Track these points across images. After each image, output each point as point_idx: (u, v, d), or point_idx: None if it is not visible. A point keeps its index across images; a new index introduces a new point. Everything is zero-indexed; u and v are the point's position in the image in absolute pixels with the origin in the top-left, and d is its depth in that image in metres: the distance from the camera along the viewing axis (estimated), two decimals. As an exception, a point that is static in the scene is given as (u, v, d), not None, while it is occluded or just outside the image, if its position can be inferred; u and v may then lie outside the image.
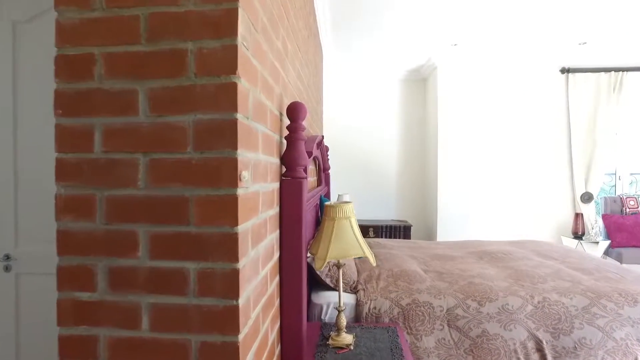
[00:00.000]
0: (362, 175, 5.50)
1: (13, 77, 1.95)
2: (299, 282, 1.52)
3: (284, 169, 1.55)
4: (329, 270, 2.12)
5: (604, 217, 4.57)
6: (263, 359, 1.21)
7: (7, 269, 1.93)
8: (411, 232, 4.94)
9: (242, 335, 0.97)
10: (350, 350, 1.60)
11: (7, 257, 1.92)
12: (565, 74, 4.70)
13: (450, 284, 2.15)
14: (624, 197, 4.64)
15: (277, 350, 1.46)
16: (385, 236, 4.84)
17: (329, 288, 2.14)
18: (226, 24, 0.94)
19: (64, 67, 0.99)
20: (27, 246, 1.94)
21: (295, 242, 1.52)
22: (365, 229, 4.88)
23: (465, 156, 4.81)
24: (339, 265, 1.66)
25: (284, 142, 1.56)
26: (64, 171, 1.00)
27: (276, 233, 1.46)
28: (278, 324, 1.48)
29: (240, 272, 0.96)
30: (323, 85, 4.72)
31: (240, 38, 0.95)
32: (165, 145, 0.97)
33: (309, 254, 1.80)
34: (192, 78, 0.96)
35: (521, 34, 3.98)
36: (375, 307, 2.00)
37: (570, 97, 4.69)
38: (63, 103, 0.99)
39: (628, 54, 4.57)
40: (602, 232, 4.61)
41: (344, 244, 1.56)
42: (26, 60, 1.95)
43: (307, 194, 1.86)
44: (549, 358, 1.86)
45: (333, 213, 1.58)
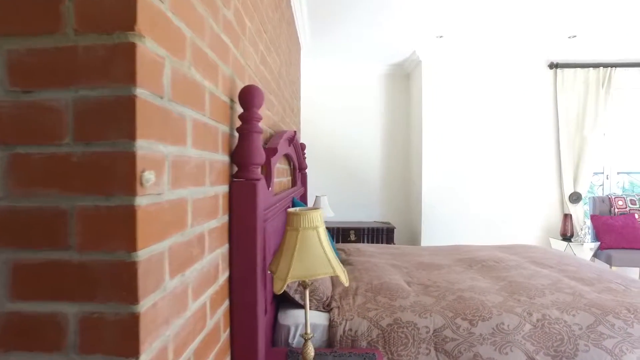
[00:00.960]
0: (344, 175, 5.23)
1: None
2: (253, 306, 1.23)
3: (236, 169, 1.26)
4: (298, 285, 1.84)
5: (593, 217, 4.40)
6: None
7: None
8: (394, 235, 4.69)
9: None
10: (319, 388, 1.32)
11: None
12: (554, 69, 4.51)
13: (437, 299, 1.88)
14: (613, 197, 4.48)
15: (224, 397, 1.17)
16: (368, 239, 4.58)
17: (299, 306, 1.85)
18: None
19: None
20: None
21: (249, 257, 1.23)
22: (347, 231, 4.61)
23: (451, 154, 4.58)
24: (305, 285, 1.38)
25: (238, 135, 1.27)
26: None
27: (223, 248, 1.16)
28: (226, 363, 1.19)
29: (144, 316, 0.67)
30: (301, 80, 4.43)
31: (139, -23, 0.66)
32: (33, 135, 0.67)
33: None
34: (70, 36, 0.66)
35: (509, 26, 3.76)
36: (351, 329, 1.72)
37: (558, 93, 4.51)
38: None
39: (617, 49, 4.41)
40: (591, 234, 4.43)
41: (309, 261, 1.27)
42: None
43: (268, 197, 1.57)
44: (550, 386, 1.61)
45: (296, 222, 1.30)
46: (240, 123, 1.26)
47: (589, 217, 4.46)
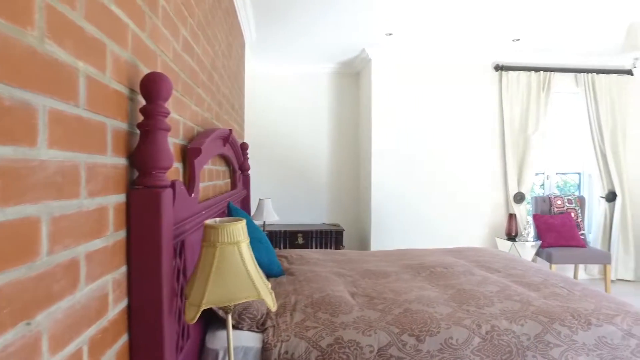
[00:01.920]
0: (291, 176, 5.04)
1: None
2: (159, 342, 1.01)
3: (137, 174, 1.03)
4: (228, 303, 1.62)
5: (535, 217, 4.51)
6: None
7: None
8: (343, 237, 4.57)
9: None
10: None
11: None
12: (499, 71, 4.57)
13: (382, 313, 1.74)
14: (553, 197, 4.62)
15: None
16: (316, 242, 4.42)
17: (232, 325, 1.63)
18: None
19: None
20: None
21: (153, 281, 1.01)
22: (294, 234, 4.43)
23: (400, 154, 4.52)
24: (226, 310, 1.17)
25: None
26: None
27: (116, 273, 0.94)
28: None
29: None
30: (245, 77, 4.18)
31: None
32: None
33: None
34: None
35: (457, 26, 3.73)
36: (287, 351, 1.53)
37: (503, 95, 4.58)
38: None
39: (556, 54, 4.54)
40: (533, 232, 4.54)
41: (229, 283, 1.07)
42: None
43: (188, 205, 1.35)
44: (499, 402, 1.51)
45: (213, 236, 1.09)
46: (142, 118, 1.03)
47: (532, 217, 4.57)
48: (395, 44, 4.25)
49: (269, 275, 2.31)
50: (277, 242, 4.42)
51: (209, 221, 1.13)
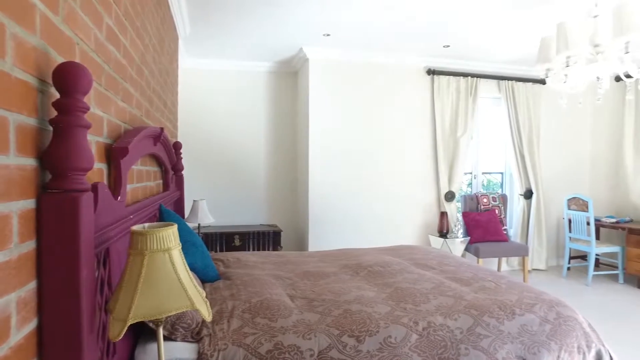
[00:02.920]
0: (228, 176, 4.89)
1: None
2: (77, 365, 0.90)
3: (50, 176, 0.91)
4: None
5: (464, 214, 4.78)
6: None
7: None
8: (281, 238, 4.53)
9: None
10: None
11: None
12: (431, 75, 4.78)
13: (322, 315, 1.72)
14: (479, 195, 4.92)
15: None
16: (253, 244, 4.33)
17: (164, 337, 1.52)
18: None
19: None
20: None
21: (70, 296, 0.90)
22: (231, 236, 4.31)
23: (337, 154, 4.56)
24: (156, 322, 1.08)
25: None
26: None
27: (22, 291, 0.82)
28: None
29: None
30: (179, 74, 3.98)
31: None
32: None
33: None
34: None
35: (392, 29, 3.83)
36: (224, 361, 1.46)
37: (435, 98, 4.79)
38: None
39: (482, 61, 4.85)
40: (462, 229, 4.81)
41: (159, 294, 0.99)
42: None
43: (114, 209, 1.23)
44: (435, 396, 1.56)
45: (141, 243, 1.00)
46: (56, 114, 0.92)
47: (461, 214, 4.84)
48: (332, 45, 4.28)
49: (205, 280, 2.20)
50: (213, 245, 4.27)
51: (136, 227, 1.04)
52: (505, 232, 4.78)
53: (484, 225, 4.69)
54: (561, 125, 5.33)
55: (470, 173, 5.28)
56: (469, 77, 4.85)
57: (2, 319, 0.74)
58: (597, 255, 4.96)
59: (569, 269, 5.02)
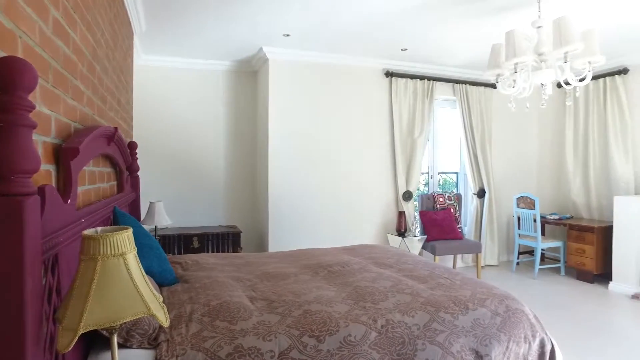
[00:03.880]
0: (185, 177, 4.78)
1: None
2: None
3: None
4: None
5: (421, 213, 4.92)
6: None
7: None
8: (241, 239, 4.48)
9: None
10: None
11: None
12: (389, 77, 4.89)
13: (282, 316, 1.73)
14: (436, 195, 5.10)
15: None
16: (212, 245, 4.26)
17: (118, 344, 1.47)
18: None
19: None
20: None
21: (11, 308, 0.85)
22: (189, 238, 4.21)
23: (296, 155, 4.57)
24: (110, 330, 1.04)
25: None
26: None
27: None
28: None
29: None
30: (133, 71, 3.83)
31: None
32: None
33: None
34: None
35: (351, 30, 3.88)
36: (183, 367, 1.43)
37: (393, 100, 4.91)
38: None
39: (437, 65, 5.02)
40: (420, 228, 4.96)
41: (113, 300, 0.95)
42: None
43: (64, 213, 1.17)
44: (393, 391, 1.61)
45: (94, 248, 0.96)
46: (-2, 112, 0.86)
47: (418, 213, 4.98)
48: (292, 45, 4.28)
49: (162, 284, 2.14)
50: (171, 248, 4.15)
51: (88, 231, 1.00)
52: (460, 230, 4.97)
53: (440, 224, 4.86)
54: (511, 127, 5.62)
55: (427, 173, 5.46)
56: (426, 80, 5.00)
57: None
58: (542, 250, 5.28)
59: (518, 263, 5.30)
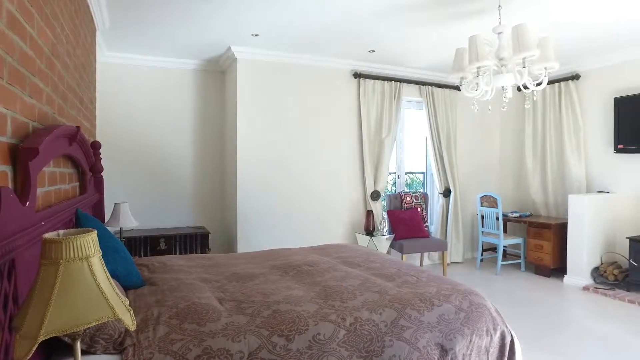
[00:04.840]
0: (151, 177, 4.67)
1: None
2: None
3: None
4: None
5: (389, 213, 5.02)
6: None
7: None
8: (209, 240, 4.42)
9: None
10: None
11: None
12: (358, 78, 4.95)
13: (251, 317, 1.73)
14: (403, 194, 5.21)
15: None
16: (180, 247, 4.19)
17: (82, 351, 1.43)
18: None
19: None
20: None
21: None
22: (156, 239, 4.12)
23: (265, 154, 4.55)
24: (73, 336, 1.02)
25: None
26: None
27: None
28: None
29: None
30: (96, 69, 3.70)
31: None
32: None
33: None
34: None
35: (319, 31, 3.89)
36: (150, 371, 1.41)
37: (361, 101, 4.97)
38: None
39: (404, 67, 5.13)
40: (387, 227, 5.05)
41: (77, 305, 0.93)
42: None
43: (23, 216, 1.13)
44: (362, 387, 1.64)
45: (55, 252, 0.93)
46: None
47: (386, 212, 5.07)
48: (261, 45, 4.26)
49: (128, 287, 2.09)
50: (137, 250, 4.05)
51: (49, 234, 0.97)
52: (426, 229, 5.11)
53: (407, 223, 4.96)
54: (474, 129, 5.81)
55: (395, 173, 5.56)
56: (393, 82, 5.10)
57: None
58: (504, 247, 5.50)
59: (482, 260, 5.49)
